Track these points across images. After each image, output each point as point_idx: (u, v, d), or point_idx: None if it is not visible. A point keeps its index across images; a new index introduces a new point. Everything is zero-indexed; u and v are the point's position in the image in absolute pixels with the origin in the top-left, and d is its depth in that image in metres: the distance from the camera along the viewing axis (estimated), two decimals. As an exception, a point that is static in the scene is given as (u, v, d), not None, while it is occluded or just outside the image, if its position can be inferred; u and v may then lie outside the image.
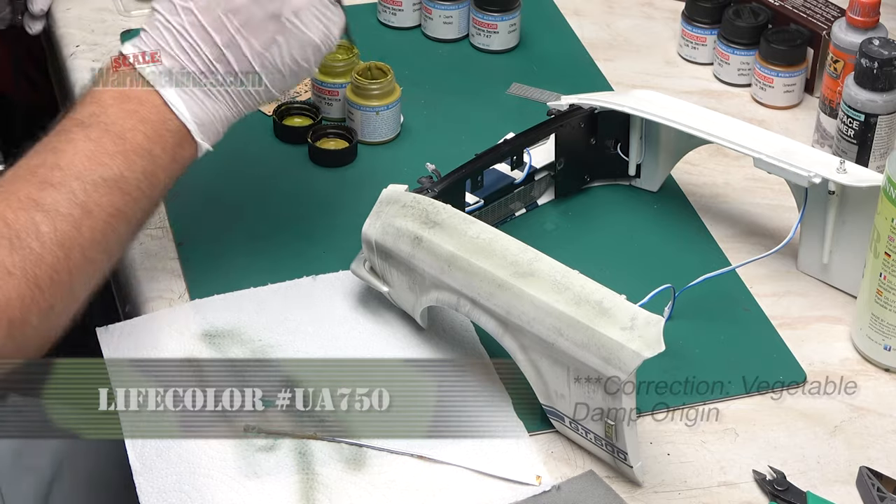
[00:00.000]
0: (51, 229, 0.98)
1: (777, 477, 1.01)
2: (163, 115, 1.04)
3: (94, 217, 1.00)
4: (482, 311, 1.02)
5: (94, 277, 1.03)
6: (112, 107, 1.03)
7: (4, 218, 0.97)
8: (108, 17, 1.47)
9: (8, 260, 0.96)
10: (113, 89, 1.04)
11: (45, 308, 0.97)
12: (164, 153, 1.04)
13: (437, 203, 1.07)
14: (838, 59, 1.27)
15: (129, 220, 1.03)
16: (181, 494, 0.98)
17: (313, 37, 1.06)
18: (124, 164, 1.02)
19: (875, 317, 1.08)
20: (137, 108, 1.03)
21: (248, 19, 1.04)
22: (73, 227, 0.99)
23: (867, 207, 1.09)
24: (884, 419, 1.06)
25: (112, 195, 1.01)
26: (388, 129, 1.30)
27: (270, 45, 1.05)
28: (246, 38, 1.04)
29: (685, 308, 1.12)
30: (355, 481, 1.00)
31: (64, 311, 1.00)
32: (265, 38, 1.05)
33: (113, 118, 1.03)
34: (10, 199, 0.98)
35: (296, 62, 1.06)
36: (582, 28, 1.47)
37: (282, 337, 1.10)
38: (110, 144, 1.01)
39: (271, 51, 1.05)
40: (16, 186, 0.99)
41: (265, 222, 1.21)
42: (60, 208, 0.99)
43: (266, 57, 1.05)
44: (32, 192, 0.99)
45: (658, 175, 1.25)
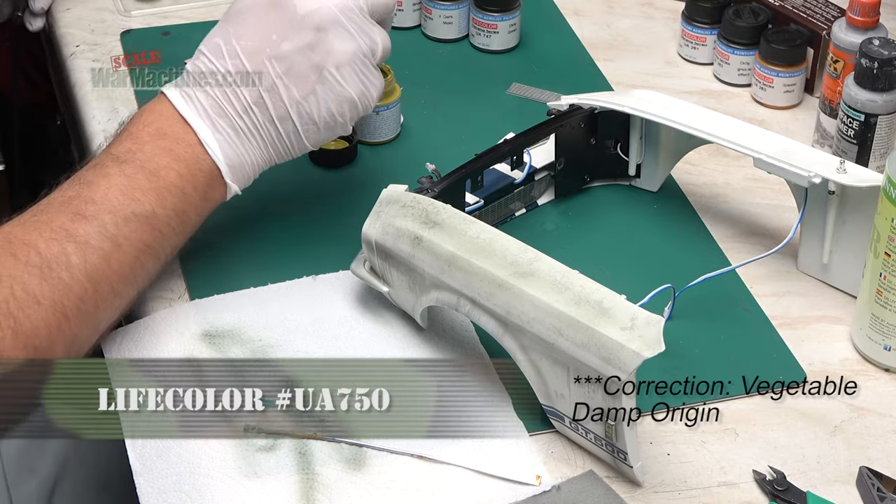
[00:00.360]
0: (81, 261, 1.00)
1: (777, 477, 1.01)
2: (197, 155, 1.06)
3: (124, 251, 1.02)
4: (482, 311, 1.02)
5: (119, 309, 1.05)
6: (148, 144, 1.06)
7: (37, 247, 0.99)
8: (108, 17, 1.47)
9: (38, 289, 0.98)
10: (150, 126, 1.06)
11: (70, 337, 0.99)
12: (195, 192, 1.06)
13: (437, 203, 1.07)
14: (838, 59, 1.27)
15: (158, 256, 1.06)
16: (181, 494, 0.98)
17: (351, 92, 1.08)
18: (156, 201, 1.04)
19: (875, 317, 1.08)
20: (173, 146, 1.06)
21: (291, 67, 1.06)
22: (103, 259, 1.01)
23: (867, 207, 1.09)
24: (884, 419, 1.06)
25: (142, 231, 1.03)
26: (388, 130, 1.30)
27: (309, 95, 1.07)
28: (287, 85, 1.06)
29: (685, 308, 1.12)
30: (355, 481, 1.00)
31: (87, 341, 1.02)
32: (305, 87, 1.07)
33: (148, 155, 1.05)
34: (43, 229, 1.00)
35: (332, 115, 1.08)
36: (582, 28, 1.47)
37: (282, 337, 1.10)
38: (144, 181, 1.04)
39: (309, 100, 1.07)
40: (49, 216, 1.01)
41: (265, 222, 1.21)
42: (91, 241, 1.01)
43: (303, 106, 1.07)
44: (65, 223, 1.01)
45: (658, 175, 1.25)
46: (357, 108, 1.09)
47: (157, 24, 1.45)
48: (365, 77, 1.08)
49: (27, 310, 0.97)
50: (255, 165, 1.09)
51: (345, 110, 1.08)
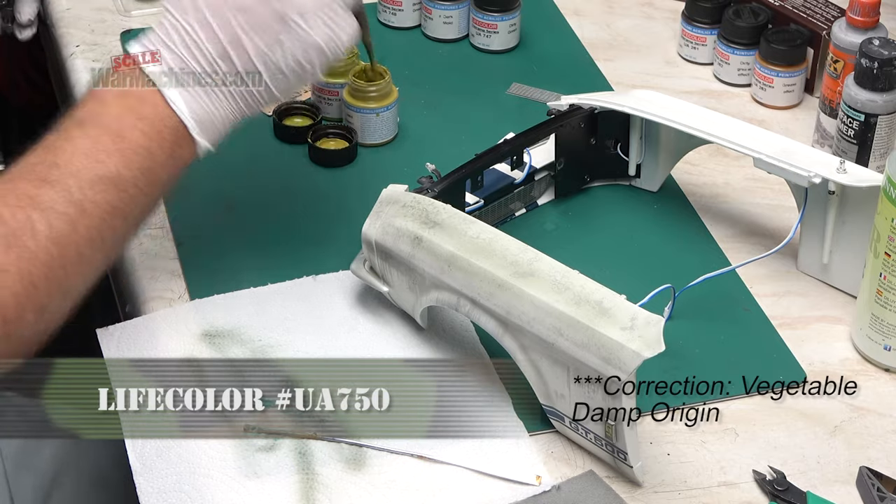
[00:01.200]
0: (46, 227, 0.98)
1: (777, 477, 1.01)
2: (162, 113, 1.04)
3: (90, 215, 1.00)
4: (482, 311, 1.02)
5: (90, 275, 1.03)
6: (112, 105, 1.03)
7: (1, 216, 0.97)
8: (108, 17, 1.47)
9: (3, 258, 0.96)
10: (114, 88, 1.04)
11: (40, 306, 0.98)
12: (162, 151, 1.04)
13: (437, 203, 1.07)
14: (838, 59, 1.27)
15: (127, 218, 1.03)
16: (181, 494, 0.98)
17: (317, 39, 1.06)
18: (121, 162, 1.02)
19: (875, 317, 1.08)
20: (137, 105, 1.03)
21: (253, 18, 1.04)
22: (69, 225, 0.99)
23: (867, 207, 1.09)
24: (884, 419, 1.06)
25: (108, 193, 1.01)
26: (385, 131, 1.30)
27: (273, 45, 1.05)
28: (250, 36, 1.05)
29: (685, 308, 1.12)
30: (355, 481, 1.00)
31: (58, 309, 1.00)
32: (269, 37, 1.05)
33: (112, 116, 1.03)
34: (8, 197, 0.98)
35: (299, 63, 1.06)
36: (582, 28, 1.47)
37: (282, 337, 1.10)
38: (108, 142, 1.02)
39: (274, 50, 1.05)
40: (14, 184, 0.99)
41: (265, 222, 1.21)
42: (56, 206, 0.99)
43: (269, 56, 1.05)
44: (29, 190, 0.99)
45: (658, 175, 1.25)
46: (325, 54, 1.07)
47: (157, 24, 1.45)
48: (332, 22, 1.06)
49: None
50: (224, 120, 1.07)
51: (312, 57, 1.06)
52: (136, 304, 1.14)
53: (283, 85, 1.07)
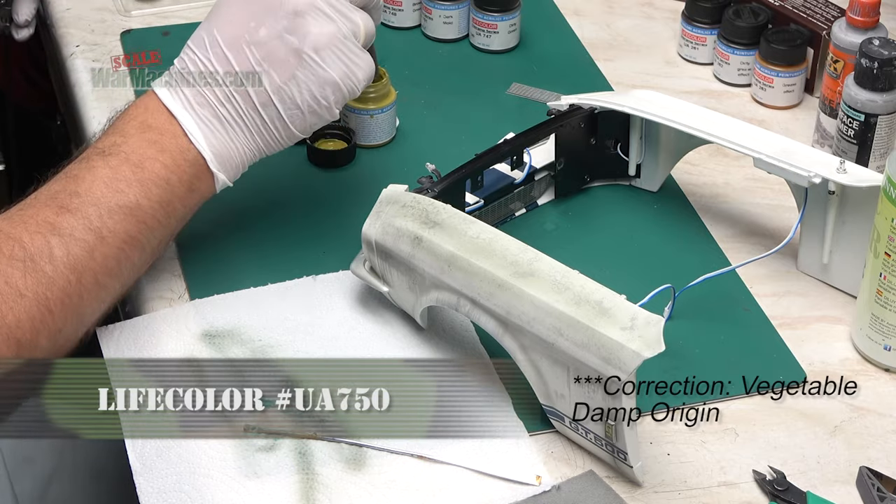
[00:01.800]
0: (64, 253, 1.00)
1: (777, 477, 1.01)
2: (182, 146, 1.06)
3: (108, 244, 1.03)
4: (482, 311, 1.02)
5: (105, 303, 1.05)
6: (133, 136, 1.06)
7: (21, 241, 0.99)
8: (108, 17, 1.47)
9: (21, 282, 0.98)
10: (136, 120, 1.07)
11: (55, 331, 1.00)
12: (181, 183, 1.06)
13: (437, 203, 1.07)
14: (838, 59, 1.27)
15: (143, 248, 1.06)
16: (181, 494, 0.98)
17: (333, 75, 1.07)
18: (141, 193, 1.04)
19: (875, 317, 1.08)
20: (157, 138, 1.06)
21: (269, 53, 1.06)
22: (87, 252, 1.01)
23: (867, 207, 1.09)
24: (884, 419, 1.06)
25: (127, 222, 1.03)
26: (383, 133, 1.30)
27: (289, 80, 1.06)
28: (266, 70, 1.06)
29: (685, 308, 1.12)
30: (355, 481, 1.00)
31: (72, 334, 1.03)
32: (285, 72, 1.06)
33: (133, 147, 1.05)
34: (28, 223, 1.01)
35: (315, 99, 1.07)
36: (582, 28, 1.47)
37: (282, 337, 1.10)
38: (128, 172, 1.04)
39: (290, 85, 1.06)
40: (35, 210, 1.02)
41: (265, 222, 1.21)
42: (75, 233, 1.01)
43: (285, 91, 1.07)
44: (50, 217, 1.01)
45: (658, 175, 1.25)
46: (341, 90, 1.08)
47: (157, 24, 1.45)
48: (347, 59, 1.07)
49: (10, 303, 0.97)
50: (242, 155, 1.09)
51: (328, 93, 1.07)
52: (136, 304, 1.14)
53: (301, 122, 1.08)
